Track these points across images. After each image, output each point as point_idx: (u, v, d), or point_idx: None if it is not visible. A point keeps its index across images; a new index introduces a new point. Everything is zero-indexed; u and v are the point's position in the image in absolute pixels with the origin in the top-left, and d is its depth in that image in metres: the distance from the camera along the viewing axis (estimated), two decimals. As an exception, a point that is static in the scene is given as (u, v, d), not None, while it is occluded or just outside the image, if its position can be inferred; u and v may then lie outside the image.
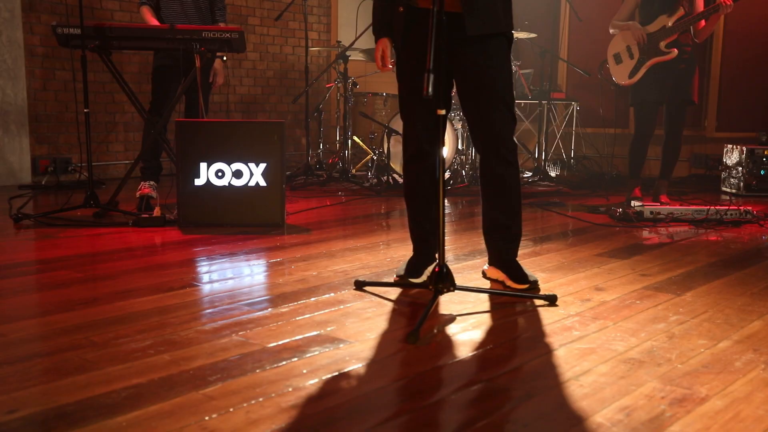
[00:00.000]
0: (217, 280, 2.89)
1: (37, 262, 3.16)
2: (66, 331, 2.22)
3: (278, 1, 7.56)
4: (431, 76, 2.21)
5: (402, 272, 2.88)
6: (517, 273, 2.83)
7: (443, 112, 2.43)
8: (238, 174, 4.07)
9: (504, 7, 2.74)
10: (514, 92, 6.73)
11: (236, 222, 4.07)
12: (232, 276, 2.97)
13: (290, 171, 6.71)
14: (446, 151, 5.89)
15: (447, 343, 2.18)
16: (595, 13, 6.74)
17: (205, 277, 2.94)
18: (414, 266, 2.89)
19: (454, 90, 3.02)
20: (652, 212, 4.44)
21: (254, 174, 4.07)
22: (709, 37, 5.99)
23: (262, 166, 4.07)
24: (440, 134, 2.44)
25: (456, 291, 2.52)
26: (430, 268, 2.97)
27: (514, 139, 2.82)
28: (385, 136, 5.80)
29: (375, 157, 5.95)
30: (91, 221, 4.17)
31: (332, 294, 2.70)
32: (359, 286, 2.80)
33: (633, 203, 4.61)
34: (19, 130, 5.82)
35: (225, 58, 5.04)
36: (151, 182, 4.74)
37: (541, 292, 2.76)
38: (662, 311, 2.52)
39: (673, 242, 3.81)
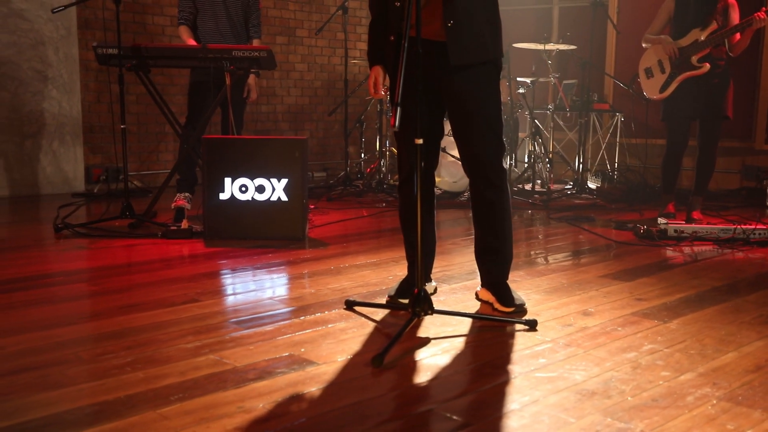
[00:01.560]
0: (217, 297, 3.04)
1: (60, 273, 3.38)
2: (60, 345, 2.40)
3: (326, 14, 7.73)
4: (399, 109, 2.30)
5: (393, 293, 2.97)
6: (504, 295, 2.88)
7: (421, 141, 2.51)
8: (260, 189, 4.23)
9: (492, 34, 2.79)
10: (558, 102, 6.73)
11: (259, 235, 4.23)
12: (233, 292, 3.12)
13: (332, 180, 6.86)
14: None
15: (410, 368, 2.26)
16: (639, 24, 6.65)
17: (208, 294, 3.09)
18: (406, 287, 2.98)
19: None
20: (676, 230, 4.39)
21: (276, 189, 4.22)
22: (750, 48, 5.82)
23: (284, 181, 4.21)
24: (417, 163, 2.52)
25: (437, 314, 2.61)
26: (423, 289, 3.06)
27: (503, 164, 2.87)
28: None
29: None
30: (125, 232, 4.40)
31: (321, 313, 2.81)
32: (350, 305, 2.90)
33: (659, 220, 4.56)
34: (74, 141, 6.15)
35: (260, 74, 5.20)
36: (186, 194, 4.95)
37: (529, 315, 2.81)
38: (639, 339, 2.54)
39: (686, 264, 3.77)
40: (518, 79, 6.40)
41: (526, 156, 6.55)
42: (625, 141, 6.95)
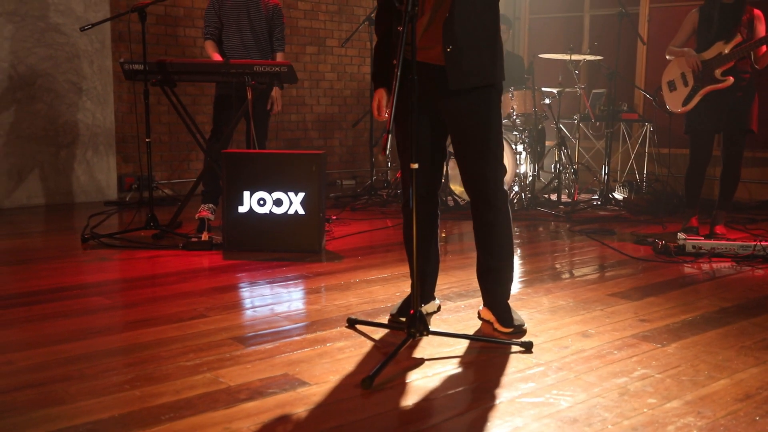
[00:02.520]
0: (225, 312, 3.12)
1: (79, 286, 3.51)
2: (67, 360, 2.51)
3: (356, 23, 7.80)
4: (389, 136, 2.35)
5: (395, 311, 3.03)
6: (504, 316, 2.91)
7: (416, 166, 2.56)
8: (278, 202, 4.31)
9: (492, 58, 2.82)
10: (586, 112, 6.69)
11: (276, 248, 4.32)
12: (241, 308, 3.21)
13: (359, 189, 6.93)
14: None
15: (398, 391, 2.31)
16: (670, 34, 6.57)
17: (216, 309, 3.18)
18: (407, 306, 3.02)
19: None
20: (694, 246, 4.35)
21: (293, 203, 4.31)
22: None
23: (301, 195, 4.29)
24: (412, 187, 2.57)
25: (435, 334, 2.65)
26: (425, 308, 3.11)
27: (504, 186, 2.90)
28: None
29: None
30: (149, 243, 4.52)
31: (322, 331, 2.88)
32: (351, 323, 2.96)
33: (678, 235, 4.52)
34: (107, 151, 6.33)
35: (283, 86, 5.29)
36: (210, 205, 5.07)
37: (528, 336, 2.83)
38: (633, 363, 2.55)
39: (699, 282, 3.75)
40: (544, 89, 6.39)
41: (553, 166, 6.54)
42: (654, 150, 6.88)
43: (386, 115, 3.00)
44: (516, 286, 3.60)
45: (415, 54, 2.55)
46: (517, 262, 4.21)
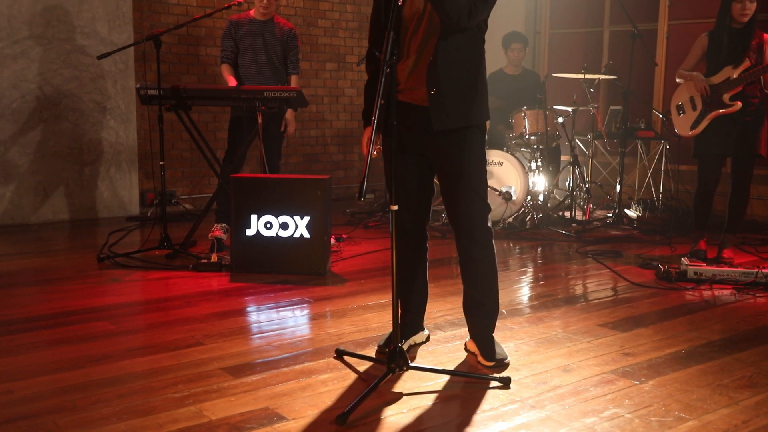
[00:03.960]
0: (220, 340, 3.25)
1: (87, 310, 3.66)
2: (62, 391, 2.65)
3: (376, 39, 7.90)
4: (365, 183, 2.44)
5: (382, 342, 3.12)
6: (487, 349, 2.98)
7: (395, 207, 2.66)
8: (284, 226, 4.43)
9: (475, 100, 2.90)
10: (596, 132, 6.70)
11: (283, 270, 4.44)
12: (238, 335, 3.33)
13: (375, 204, 7.03)
14: (516, 193, 5.99)
15: (371, 427, 2.40)
16: (689, 52, 6.56)
17: (213, 336, 3.30)
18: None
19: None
20: (696, 273, 4.36)
21: (299, 226, 4.42)
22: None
23: (307, 219, 4.41)
24: (391, 229, 2.66)
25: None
26: (413, 338, 3.20)
27: (488, 223, 2.97)
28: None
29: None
30: (161, 263, 4.66)
31: (310, 363, 2.98)
32: (339, 355, 3.06)
33: (682, 260, 4.53)
34: (129, 167, 6.52)
35: (297, 108, 5.41)
36: (223, 225, 5.21)
37: (510, 370, 2.91)
38: (606, 402, 2.61)
39: (692, 312, 3.77)
40: (558, 107, 6.42)
41: (567, 183, 6.57)
42: (671, 167, 6.87)
43: (375, 153, 3.09)
44: (509, 314, 3.67)
45: (393, 100, 2.65)
46: (515, 287, 4.27)
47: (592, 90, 6.58)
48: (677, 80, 5.11)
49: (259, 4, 5.16)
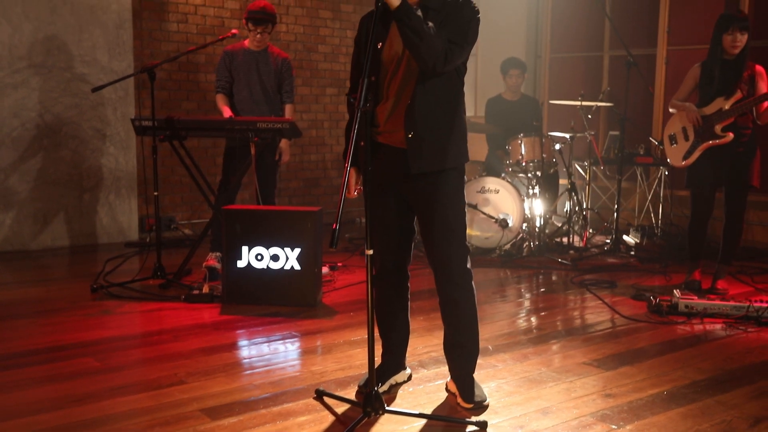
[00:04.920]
0: (203, 378, 3.26)
1: (74, 345, 3.68)
2: (40, 434, 2.67)
3: (376, 64, 7.94)
4: (337, 231, 2.45)
5: (362, 382, 3.12)
6: (466, 391, 2.98)
7: (370, 252, 2.67)
8: (275, 257, 4.45)
9: (454, 142, 2.91)
10: (593, 159, 6.70)
11: (273, 301, 4.46)
12: (222, 372, 3.34)
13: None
14: (513, 221, 5.99)
15: (342, 475, 2.41)
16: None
17: (196, 375, 3.31)
18: (377, 376, 3.12)
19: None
20: (687, 306, 4.34)
21: (289, 258, 4.44)
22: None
23: (297, 251, 4.43)
24: (367, 276, 2.68)
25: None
26: (395, 378, 3.20)
27: (467, 265, 2.98)
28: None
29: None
30: (153, 294, 4.68)
31: (289, 404, 2.99)
32: (319, 395, 3.06)
33: (674, 292, 4.51)
34: (129, 193, 6.58)
35: (292, 140, 5.45)
36: (218, 254, 5.23)
37: (489, 412, 2.91)
38: (581, 449, 2.60)
39: (680, 349, 3.74)
40: (556, 133, 6.43)
41: (566, 209, 6.56)
42: (669, 193, 6.85)
43: (355, 194, 3.11)
44: (495, 350, 3.67)
45: (368, 146, 2.68)
46: (505, 320, 4.26)
47: (590, 116, 6.58)
48: (670, 110, 5.11)
49: (253, 37, 5.21)
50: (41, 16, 6.01)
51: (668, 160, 5.09)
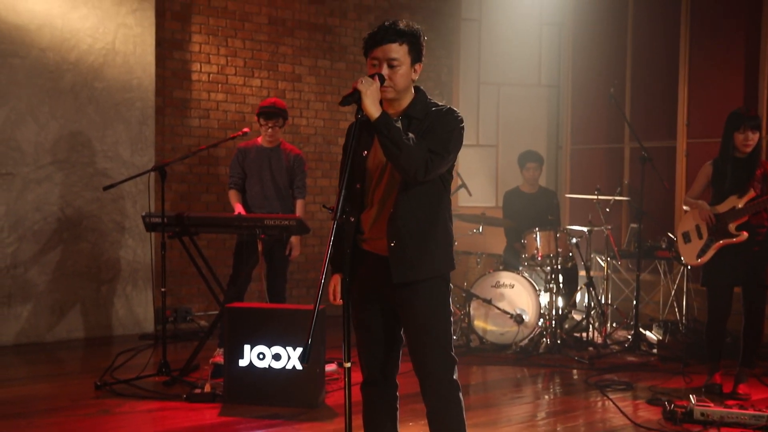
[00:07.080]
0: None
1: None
2: None
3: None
4: (310, 344, 2.41)
5: (349, 496, 3.00)
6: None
7: (348, 365, 2.61)
8: (277, 357, 4.40)
9: (439, 251, 2.87)
10: (618, 250, 6.59)
11: (275, 402, 4.38)
12: (206, 483, 3.26)
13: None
14: (528, 316, 5.87)
15: None
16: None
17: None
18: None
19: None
20: (703, 414, 4.14)
21: (291, 357, 4.39)
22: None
23: (299, 350, 4.37)
24: (346, 387, 2.61)
25: None
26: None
27: (453, 376, 2.89)
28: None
29: (461, 317, 6.06)
30: (156, 392, 4.63)
31: None
32: None
33: (690, 397, 4.32)
34: (145, 285, 6.63)
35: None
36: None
37: None
38: None
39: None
40: (571, 227, 6.36)
41: (585, 303, 6.42)
42: (693, 287, 6.67)
43: (341, 300, 3.06)
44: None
45: (348, 256, 2.66)
46: (509, 427, 4.11)
47: (608, 210, 6.51)
48: (684, 208, 5.04)
49: (265, 132, 5.32)
50: (67, 114, 6.22)
51: (682, 259, 4.98)
